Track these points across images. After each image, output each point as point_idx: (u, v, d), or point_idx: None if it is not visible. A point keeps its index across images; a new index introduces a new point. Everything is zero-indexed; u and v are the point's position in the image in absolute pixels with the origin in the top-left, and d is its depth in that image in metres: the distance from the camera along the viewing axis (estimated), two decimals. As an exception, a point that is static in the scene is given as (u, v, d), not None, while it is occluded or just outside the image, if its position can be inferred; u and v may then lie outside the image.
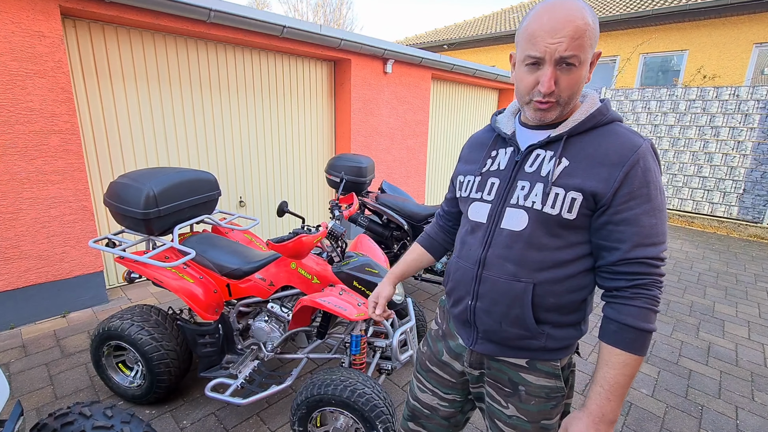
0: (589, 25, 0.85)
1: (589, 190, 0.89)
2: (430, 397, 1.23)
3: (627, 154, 0.88)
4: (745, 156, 6.26)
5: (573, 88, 0.90)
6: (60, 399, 2.19)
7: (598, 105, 0.95)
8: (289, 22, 3.76)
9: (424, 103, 5.79)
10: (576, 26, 0.84)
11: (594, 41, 0.88)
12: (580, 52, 0.85)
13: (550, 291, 0.96)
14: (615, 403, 0.89)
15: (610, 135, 0.92)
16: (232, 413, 2.14)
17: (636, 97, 7.25)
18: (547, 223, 0.94)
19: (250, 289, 2.02)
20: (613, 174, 0.88)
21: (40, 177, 2.80)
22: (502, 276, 0.99)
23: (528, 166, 0.98)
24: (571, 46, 0.84)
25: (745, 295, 4.03)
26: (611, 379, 0.89)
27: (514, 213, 0.98)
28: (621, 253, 0.89)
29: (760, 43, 7.78)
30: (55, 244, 2.94)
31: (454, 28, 13.89)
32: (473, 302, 1.05)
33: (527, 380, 1.03)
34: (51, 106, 2.77)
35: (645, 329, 0.88)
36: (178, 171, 2.13)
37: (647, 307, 0.89)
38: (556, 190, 0.92)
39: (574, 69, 0.87)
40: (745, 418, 2.28)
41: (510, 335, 1.01)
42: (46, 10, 2.66)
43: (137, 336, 1.95)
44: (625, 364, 0.89)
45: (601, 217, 0.91)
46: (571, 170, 0.92)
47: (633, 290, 0.89)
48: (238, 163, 4.21)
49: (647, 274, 0.88)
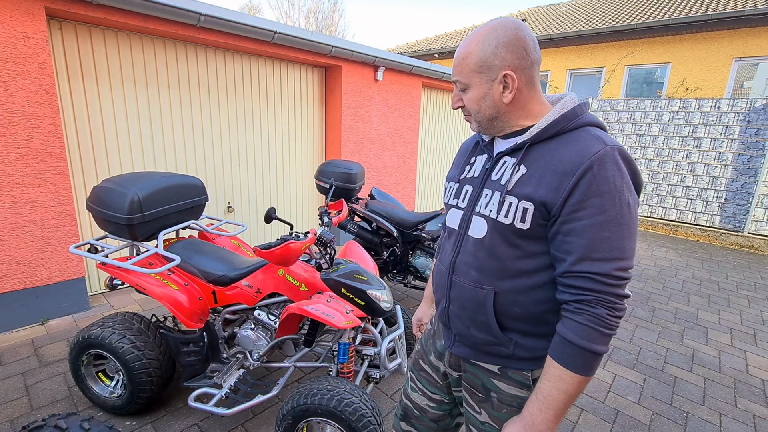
0: (471, 54, 0.92)
1: (539, 199, 0.87)
2: (420, 396, 1.24)
3: (580, 162, 0.84)
4: (726, 166, 6.43)
5: (474, 106, 0.97)
6: (36, 410, 2.11)
7: (565, 110, 0.91)
8: (280, 27, 3.76)
9: (415, 110, 5.83)
10: (458, 56, 0.95)
11: (480, 66, 0.92)
12: (460, 77, 0.96)
13: (514, 300, 0.95)
14: (547, 415, 0.87)
15: (570, 142, 0.89)
16: (216, 424, 2.09)
17: (621, 108, 7.41)
18: (502, 232, 0.93)
19: (237, 296, 1.99)
20: (564, 182, 0.85)
21: (20, 180, 2.72)
22: (468, 282, 1.01)
23: (494, 174, 0.99)
24: (454, 72, 0.97)
25: (727, 302, 4.10)
26: (545, 391, 0.88)
27: (477, 221, 1.00)
28: (566, 265, 0.86)
29: (739, 58, 8.04)
30: (34, 249, 2.86)
31: (445, 37, 14.07)
32: (447, 305, 1.08)
33: (499, 387, 1.03)
34: (34, 108, 2.70)
35: (585, 348, 0.83)
36: (164, 175, 2.10)
37: (589, 325, 0.83)
38: (510, 199, 0.92)
39: (468, 90, 0.96)
40: (729, 424, 2.31)
41: (478, 340, 1.02)
42: (31, 11, 2.61)
43: (118, 344, 1.89)
44: (559, 378, 0.86)
45: (552, 227, 0.89)
46: (527, 179, 0.91)
47: (575, 305, 0.86)
48: (227, 169, 4.16)
49: (592, 291, 0.83)
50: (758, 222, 6.20)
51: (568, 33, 9.75)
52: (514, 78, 0.90)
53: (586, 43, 9.85)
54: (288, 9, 29.71)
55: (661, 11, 9.10)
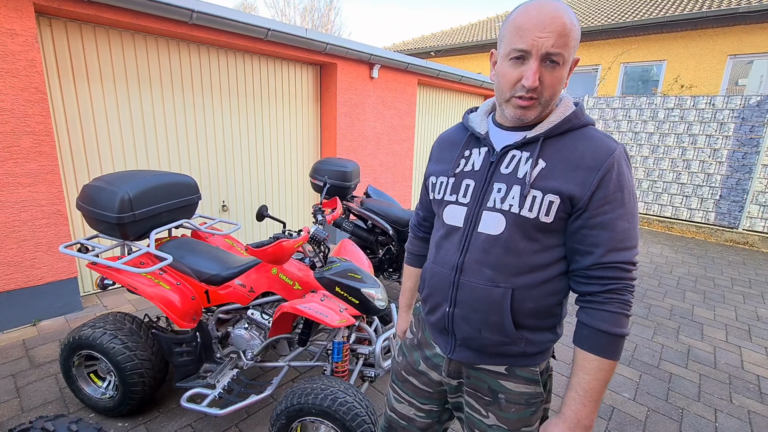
0: (574, 25, 0.86)
1: (567, 193, 0.88)
2: (407, 407, 1.20)
3: (602, 158, 0.88)
4: (720, 163, 6.45)
5: (555, 87, 0.88)
6: (27, 412, 2.09)
7: (572, 108, 0.94)
8: (273, 25, 3.73)
9: (411, 108, 5.81)
10: (563, 23, 0.83)
11: (576, 43, 0.88)
12: (565, 50, 0.85)
13: (528, 295, 0.94)
14: (590, 408, 0.89)
15: (585, 139, 0.92)
16: (210, 425, 2.07)
17: (617, 105, 7.42)
18: (524, 226, 0.92)
19: (230, 295, 1.97)
20: (589, 178, 0.87)
21: (10, 180, 2.69)
22: (480, 281, 0.96)
23: (504, 167, 0.96)
24: (558, 43, 0.83)
25: (722, 298, 4.12)
26: (585, 385, 0.89)
27: (491, 216, 0.95)
28: (595, 257, 0.89)
29: (734, 55, 8.06)
30: (25, 249, 2.83)
31: (441, 36, 14.04)
32: (451, 309, 1.02)
33: (507, 388, 1.01)
34: (23, 107, 2.67)
35: (618, 334, 0.88)
36: (155, 174, 2.07)
37: (620, 311, 0.88)
38: (534, 192, 0.91)
39: (558, 68, 0.86)
40: (724, 420, 2.31)
41: (489, 342, 0.99)
42: (19, 8, 2.57)
43: (109, 345, 1.87)
44: (599, 369, 0.88)
45: (576, 221, 0.90)
46: (548, 172, 0.91)
47: (606, 295, 0.89)
48: (221, 167, 4.13)
49: (620, 279, 0.88)
50: (753, 218, 6.23)
51: (563, 31, 9.75)
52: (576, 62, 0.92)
53: (582, 40, 9.85)
54: (284, 7, 29.62)
55: (656, 9, 9.12)
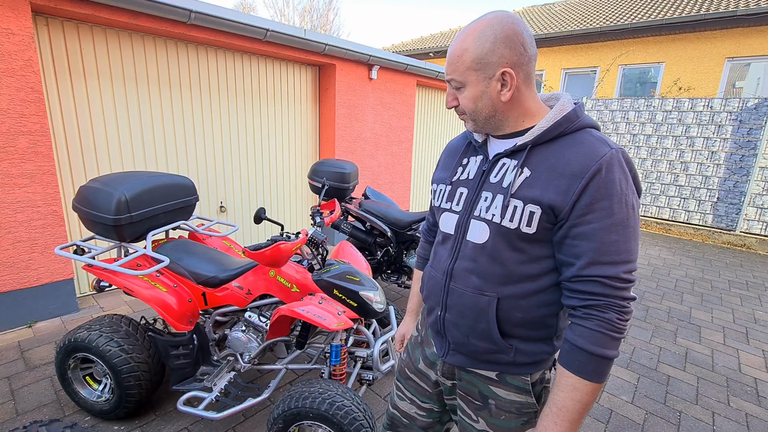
0: (467, 50, 0.88)
1: (547, 202, 0.85)
2: (409, 405, 1.21)
3: (588, 165, 0.83)
4: (718, 165, 6.47)
5: (470, 105, 0.93)
6: (22, 415, 2.07)
7: (566, 111, 0.90)
8: (272, 25, 3.72)
9: (409, 109, 5.81)
10: (452, 53, 0.91)
11: (477, 63, 0.87)
12: (455, 75, 0.91)
13: (517, 305, 0.93)
14: (563, 427, 0.84)
15: (575, 144, 0.87)
16: (206, 428, 2.05)
17: (615, 107, 7.43)
18: (507, 236, 0.90)
19: (227, 297, 1.95)
20: (573, 185, 0.83)
21: (6, 180, 2.67)
22: (468, 289, 0.97)
23: (493, 176, 0.96)
24: (448, 70, 0.93)
25: (720, 301, 4.13)
26: (559, 402, 0.85)
27: (477, 225, 0.95)
28: (575, 269, 0.85)
29: (731, 58, 8.09)
30: (21, 250, 2.81)
31: (440, 37, 14.05)
32: (442, 313, 1.03)
33: (497, 394, 1.01)
34: (19, 107, 2.65)
35: (596, 354, 0.82)
36: (153, 175, 2.06)
37: (600, 330, 0.82)
38: (515, 202, 0.89)
39: (463, 89, 0.92)
40: (722, 423, 2.31)
41: (478, 349, 0.99)
42: (16, 7, 2.56)
43: (105, 347, 1.85)
44: (573, 387, 0.84)
45: (559, 231, 0.87)
46: (532, 181, 0.88)
47: (584, 310, 0.84)
48: (219, 169, 4.11)
49: (602, 295, 0.82)
50: (750, 221, 6.24)
51: (562, 32, 9.78)
52: (513, 75, 0.86)
53: (580, 42, 9.88)
54: (283, 7, 29.60)
55: (654, 11, 9.15)
